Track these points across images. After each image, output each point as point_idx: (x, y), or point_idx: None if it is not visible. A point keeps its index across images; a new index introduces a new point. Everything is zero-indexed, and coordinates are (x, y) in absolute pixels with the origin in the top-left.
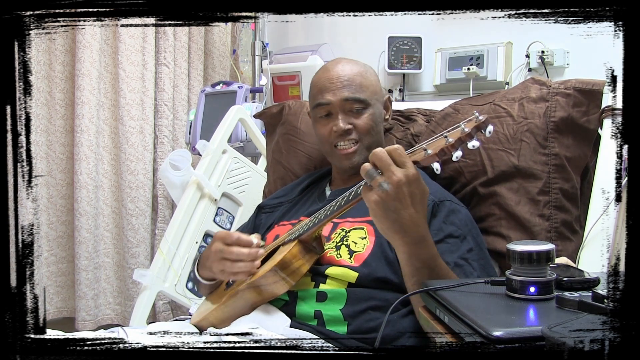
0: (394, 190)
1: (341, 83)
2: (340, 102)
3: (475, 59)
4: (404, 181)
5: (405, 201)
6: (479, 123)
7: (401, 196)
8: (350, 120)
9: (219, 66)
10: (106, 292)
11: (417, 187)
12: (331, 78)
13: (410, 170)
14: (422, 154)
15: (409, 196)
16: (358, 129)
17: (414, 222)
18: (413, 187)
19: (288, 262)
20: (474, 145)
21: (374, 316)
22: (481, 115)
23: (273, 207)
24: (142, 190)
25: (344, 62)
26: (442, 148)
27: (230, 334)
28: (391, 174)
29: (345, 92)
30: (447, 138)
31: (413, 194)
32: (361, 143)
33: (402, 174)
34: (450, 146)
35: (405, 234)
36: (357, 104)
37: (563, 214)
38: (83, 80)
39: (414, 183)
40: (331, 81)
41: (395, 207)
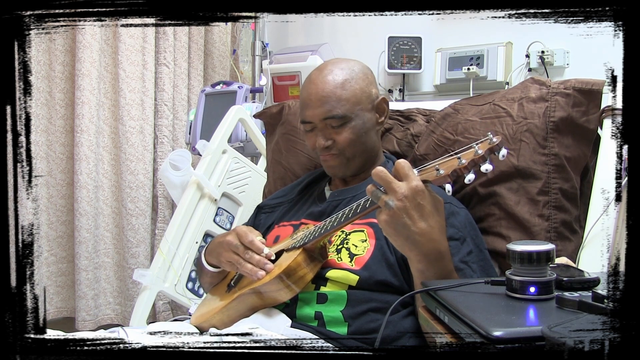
0: (400, 206)
1: (319, 101)
2: (319, 121)
3: (475, 59)
4: (409, 195)
5: (413, 216)
6: (493, 145)
7: (409, 211)
8: (330, 136)
9: (219, 66)
10: (106, 292)
11: (423, 199)
12: (310, 94)
13: (414, 182)
14: (434, 173)
15: (416, 209)
16: (337, 144)
17: (427, 237)
18: (419, 199)
19: (293, 270)
20: (487, 169)
21: (374, 317)
22: (495, 137)
23: (273, 207)
24: (142, 190)
25: (325, 72)
26: (454, 169)
27: (230, 334)
28: (394, 190)
29: (321, 110)
30: (460, 159)
31: (420, 206)
32: (343, 156)
33: (405, 188)
34: (463, 168)
35: (418, 250)
36: (335, 120)
37: (562, 214)
38: (83, 80)
39: (419, 195)
40: (309, 98)
41: (405, 223)
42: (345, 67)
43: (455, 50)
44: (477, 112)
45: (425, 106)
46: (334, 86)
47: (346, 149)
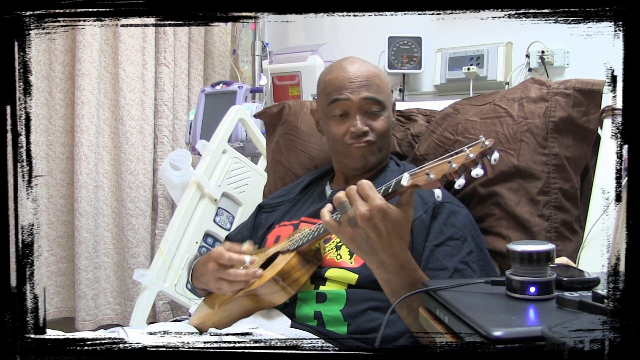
0: (361, 225)
1: (360, 82)
2: (359, 102)
3: (475, 59)
4: (367, 216)
5: (372, 235)
6: (485, 149)
7: (368, 231)
8: (367, 122)
9: (219, 66)
10: (106, 292)
11: (383, 220)
12: (350, 77)
13: (374, 203)
14: (424, 177)
15: (375, 230)
16: (375, 131)
17: (389, 253)
18: (378, 220)
19: (287, 273)
20: (477, 174)
21: (374, 316)
22: (487, 140)
23: (273, 206)
24: (142, 190)
25: (360, 62)
26: (444, 174)
27: (230, 334)
28: (355, 209)
29: (364, 92)
30: (450, 163)
31: (380, 227)
32: (375, 145)
33: (365, 209)
34: (453, 172)
35: (380, 265)
36: (375, 105)
37: (563, 214)
38: (83, 80)
39: (377, 216)
40: (350, 80)
41: (367, 240)
42: (373, 64)
43: (455, 50)
44: (477, 112)
45: (426, 106)
46: (373, 73)
47: (380, 138)
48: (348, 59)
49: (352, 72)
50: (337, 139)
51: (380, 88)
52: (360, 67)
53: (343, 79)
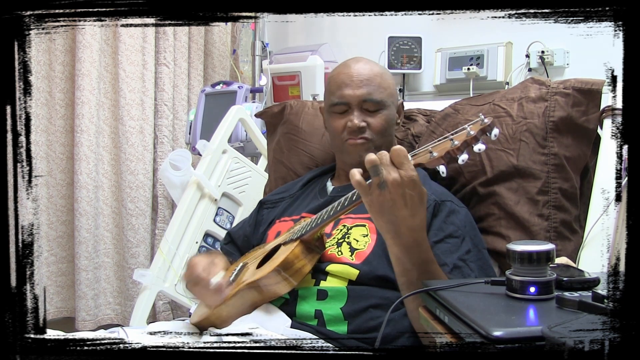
0: (390, 190)
1: (360, 82)
2: (358, 100)
3: (475, 59)
4: (399, 182)
5: (400, 202)
6: (485, 126)
7: (396, 197)
8: (364, 119)
9: (219, 66)
10: (106, 292)
11: (413, 189)
12: (351, 75)
13: (407, 172)
14: (427, 156)
15: (403, 198)
16: (371, 128)
17: (408, 226)
18: (408, 189)
19: (290, 262)
20: (479, 149)
21: (374, 315)
22: (486, 118)
23: (274, 202)
24: (142, 190)
25: (364, 61)
26: (447, 151)
27: (230, 334)
28: (387, 174)
29: (363, 91)
30: (452, 140)
31: (408, 195)
32: (372, 142)
33: (398, 175)
34: (456, 149)
35: (397, 236)
36: (372, 104)
37: (562, 213)
38: (83, 80)
39: (409, 185)
40: (351, 78)
41: (390, 208)
42: (378, 64)
43: (455, 50)
44: (477, 112)
45: (426, 106)
46: (375, 74)
47: (376, 135)
48: (354, 58)
49: (354, 70)
50: (336, 134)
51: (381, 87)
52: (363, 66)
53: (344, 77)
